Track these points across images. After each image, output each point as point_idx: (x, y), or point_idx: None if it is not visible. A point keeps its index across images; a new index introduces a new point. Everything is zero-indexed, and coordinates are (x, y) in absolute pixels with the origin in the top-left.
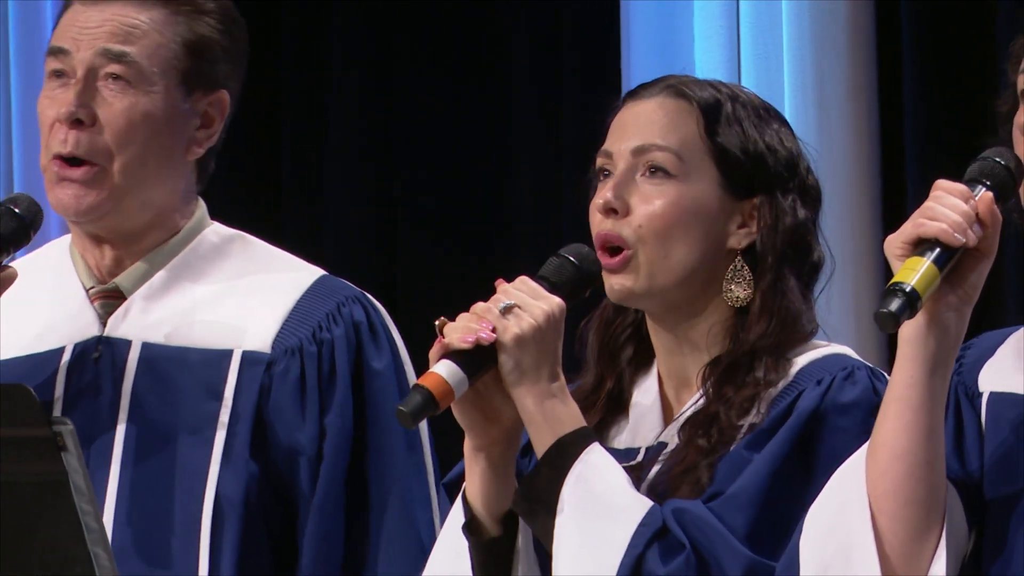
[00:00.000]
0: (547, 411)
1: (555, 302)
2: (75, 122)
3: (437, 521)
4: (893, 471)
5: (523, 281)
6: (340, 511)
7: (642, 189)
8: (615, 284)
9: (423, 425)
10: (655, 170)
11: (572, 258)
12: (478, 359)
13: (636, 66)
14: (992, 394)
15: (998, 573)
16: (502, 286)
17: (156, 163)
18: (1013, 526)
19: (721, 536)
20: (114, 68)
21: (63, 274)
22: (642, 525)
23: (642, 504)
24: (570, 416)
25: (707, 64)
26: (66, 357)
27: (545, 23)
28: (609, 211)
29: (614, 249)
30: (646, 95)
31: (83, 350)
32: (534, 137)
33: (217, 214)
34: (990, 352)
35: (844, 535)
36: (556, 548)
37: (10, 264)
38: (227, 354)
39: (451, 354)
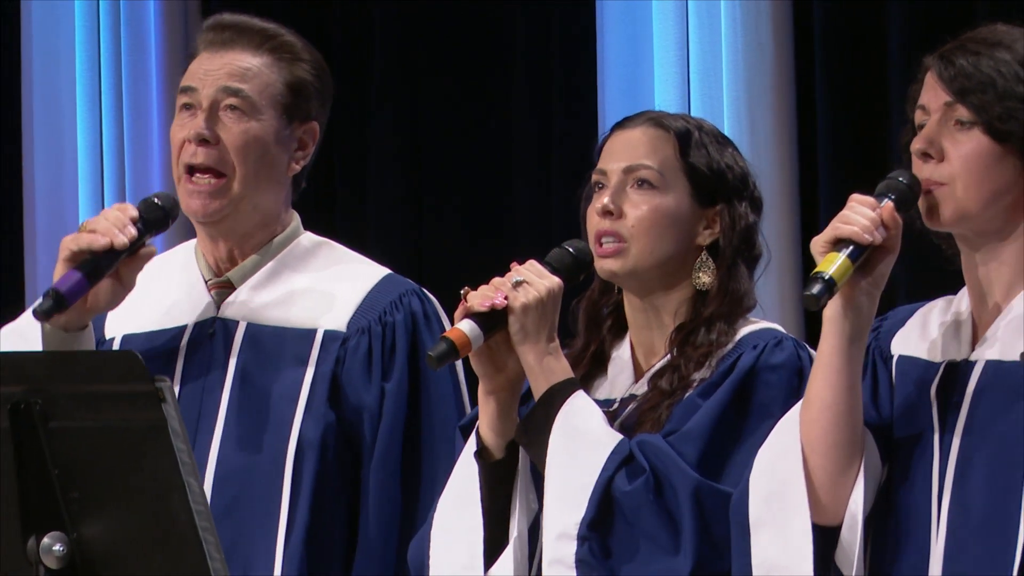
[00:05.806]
0: (544, 365)
1: (555, 281)
2: (202, 141)
3: None
4: (822, 419)
5: (532, 264)
6: (396, 464)
7: (632, 198)
8: (605, 265)
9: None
10: (642, 182)
11: (571, 249)
12: (492, 320)
13: (610, 100)
14: (900, 357)
15: (903, 498)
16: (516, 267)
17: (266, 175)
18: (914, 461)
19: (674, 462)
20: (232, 100)
21: (188, 268)
22: (613, 452)
23: (613, 437)
24: (562, 369)
25: (664, 102)
26: (188, 333)
27: (538, 64)
28: (607, 213)
29: (610, 241)
30: (631, 125)
31: (201, 328)
32: (531, 155)
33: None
34: (901, 323)
35: (783, 471)
36: (547, 469)
37: (152, 245)
38: (312, 332)
39: (472, 315)
